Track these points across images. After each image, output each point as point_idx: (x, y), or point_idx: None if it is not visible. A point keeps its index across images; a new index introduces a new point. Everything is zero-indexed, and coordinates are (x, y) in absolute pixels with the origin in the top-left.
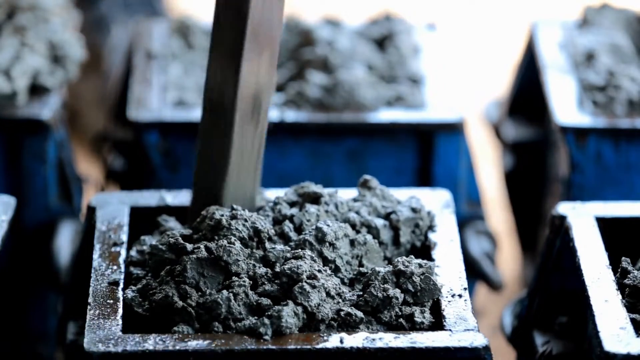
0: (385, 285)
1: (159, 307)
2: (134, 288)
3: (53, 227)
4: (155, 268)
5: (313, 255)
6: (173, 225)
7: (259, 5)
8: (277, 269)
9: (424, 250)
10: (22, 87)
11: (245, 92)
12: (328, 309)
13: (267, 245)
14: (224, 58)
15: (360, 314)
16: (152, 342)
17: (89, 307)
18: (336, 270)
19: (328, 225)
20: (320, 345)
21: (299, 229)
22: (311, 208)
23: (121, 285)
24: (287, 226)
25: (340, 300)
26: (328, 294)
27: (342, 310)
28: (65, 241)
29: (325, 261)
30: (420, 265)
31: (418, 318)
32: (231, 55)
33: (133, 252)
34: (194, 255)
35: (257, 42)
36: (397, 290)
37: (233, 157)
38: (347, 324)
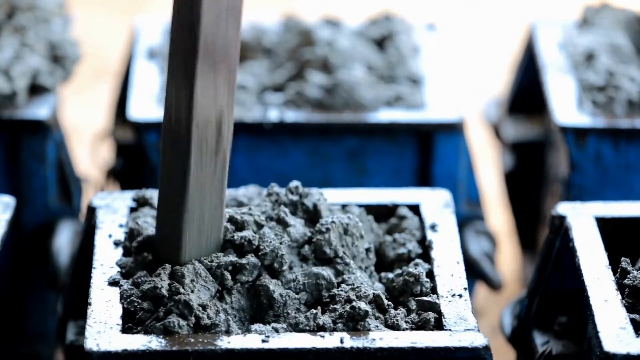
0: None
1: (148, 298)
2: (128, 281)
3: (52, 227)
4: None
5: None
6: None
7: (211, 23)
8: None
9: (423, 250)
10: (22, 87)
11: (202, 116)
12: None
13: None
14: (178, 79)
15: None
16: (152, 342)
17: (89, 307)
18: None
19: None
20: (321, 345)
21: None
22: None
23: (121, 285)
24: (283, 211)
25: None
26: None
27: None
28: (64, 241)
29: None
30: None
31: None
32: (184, 75)
33: (123, 238)
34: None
35: (211, 61)
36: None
37: (190, 201)
38: (354, 319)
